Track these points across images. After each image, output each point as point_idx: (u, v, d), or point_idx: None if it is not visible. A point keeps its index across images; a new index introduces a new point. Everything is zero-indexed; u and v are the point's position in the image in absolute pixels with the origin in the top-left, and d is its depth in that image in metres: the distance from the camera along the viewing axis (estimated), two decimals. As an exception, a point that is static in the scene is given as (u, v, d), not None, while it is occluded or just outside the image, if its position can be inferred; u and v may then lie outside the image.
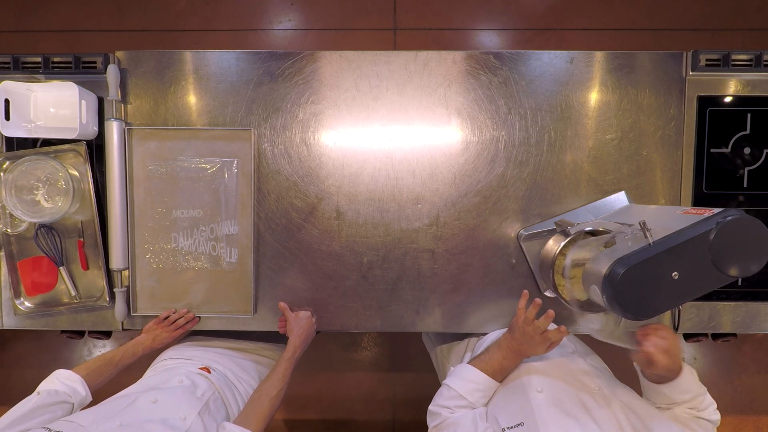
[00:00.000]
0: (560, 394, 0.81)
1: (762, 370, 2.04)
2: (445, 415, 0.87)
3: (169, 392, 0.91)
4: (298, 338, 1.08)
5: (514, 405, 0.81)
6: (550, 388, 0.83)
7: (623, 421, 0.75)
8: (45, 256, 1.14)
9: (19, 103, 1.09)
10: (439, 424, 0.86)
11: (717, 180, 1.15)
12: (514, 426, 0.76)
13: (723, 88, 1.14)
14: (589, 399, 0.80)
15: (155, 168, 1.14)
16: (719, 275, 0.75)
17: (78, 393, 0.92)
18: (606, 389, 0.82)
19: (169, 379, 0.97)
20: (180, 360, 1.09)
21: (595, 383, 0.84)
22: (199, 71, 1.14)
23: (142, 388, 0.94)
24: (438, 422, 0.87)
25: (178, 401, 0.88)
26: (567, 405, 0.78)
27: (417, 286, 1.17)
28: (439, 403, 0.89)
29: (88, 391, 0.94)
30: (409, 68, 1.14)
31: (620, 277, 0.71)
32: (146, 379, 1.02)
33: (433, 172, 1.15)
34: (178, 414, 0.84)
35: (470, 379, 0.89)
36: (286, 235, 1.17)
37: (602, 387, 0.83)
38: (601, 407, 0.78)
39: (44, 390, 0.89)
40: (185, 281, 1.17)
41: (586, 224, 1.05)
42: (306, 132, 1.15)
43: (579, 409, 0.77)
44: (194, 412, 0.86)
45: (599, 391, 0.82)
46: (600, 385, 0.83)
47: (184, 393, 0.92)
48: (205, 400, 0.92)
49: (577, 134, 1.14)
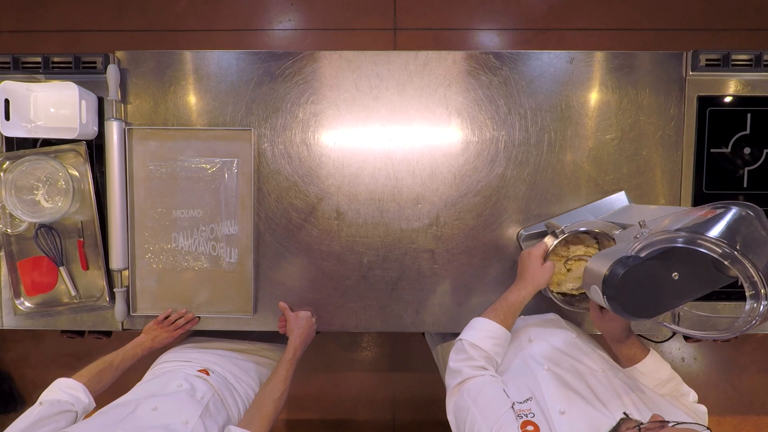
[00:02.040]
0: (565, 373, 0.84)
1: (762, 370, 2.04)
2: (468, 372, 0.86)
3: (168, 398, 0.90)
4: (298, 338, 1.08)
5: (522, 381, 0.84)
6: (556, 367, 0.86)
7: (626, 400, 0.78)
8: (45, 256, 1.14)
9: (19, 103, 1.09)
10: (461, 383, 0.85)
11: (717, 180, 1.15)
12: (524, 401, 0.78)
13: (723, 88, 1.14)
14: (592, 379, 0.82)
15: (155, 168, 1.14)
16: (719, 275, 0.75)
17: (81, 401, 0.91)
18: (609, 371, 0.85)
19: (168, 383, 0.96)
20: (179, 363, 1.09)
21: (598, 366, 0.86)
22: (199, 71, 1.14)
23: (141, 394, 0.93)
24: (460, 380, 0.85)
25: (178, 406, 0.88)
26: (572, 383, 0.81)
27: (417, 286, 1.17)
28: (459, 358, 0.89)
29: (90, 398, 0.94)
30: (409, 68, 1.14)
31: (620, 277, 0.71)
32: (145, 384, 1.02)
33: (433, 172, 1.15)
34: (180, 419, 0.84)
35: (483, 329, 0.91)
36: (286, 235, 1.17)
37: (605, 369, 0.85)
38: (604, 386, 0.80)
39: (47, 400, 0.89)
40: (185, 281, 1.17)
41: (576, 225, 1.05)
42: (306, 132, 1.15)
43: (583, 387, 0.80)
44: (196, 416, 0.86)
45: (602, 372, 0.84)
46: (603, 367, 0.86)
47: (184, 397, 0.92)
48: (205, 402, 0.92)
49: (577, 134, 1.14)
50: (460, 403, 0.83)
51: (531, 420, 0.74)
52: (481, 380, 0.84)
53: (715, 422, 2.04)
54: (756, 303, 0.70)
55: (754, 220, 0.73)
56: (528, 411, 0.76)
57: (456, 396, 0.84)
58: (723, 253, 0.69)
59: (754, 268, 0.68)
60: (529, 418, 0.74)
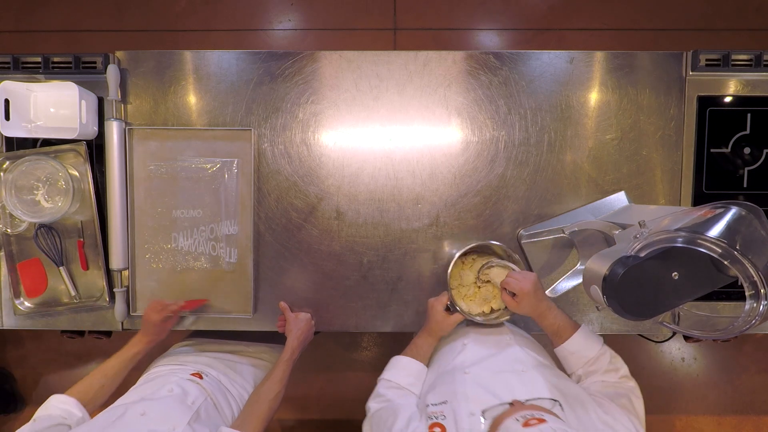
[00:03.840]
0: (486, 374, 0.86)
1: (762, 370, 2.04)
2: (381, 403, 0.91)
3: (157, 403, 0.89)
4: (296, 339, 1.08)
5: (442, 387, 0.86)
6: (478, 368, 0.88)
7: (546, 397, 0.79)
8: (36, 259, 1.14)
9: (19, 103, 1.09)
10: (377, 411, 0.89)
11: (717, 180, 1.15)
12: (439, 403, 0.81)
13: (723, 88, 1.14)
14: (514, 378, 0.83)
15: (155, 168, 1.14)
16: (719, 275, 0.75)
17: (73, 415, 0.90)
18: (534, 370, 0.86)
19: (159, 388, 0.95)
20: (172, 366, 1.07)
21: (523, 366, 0.88)
22: (199, 71, 1.14)
23: (132, 399, 0.92)
24: (375, 409, 0.90)
25: (166, 412, 0.87)
26: (491, 384, 0.82)
27: (417, 286, 1.17)
28: (377, 393, 0.94)
29: (84, 412, 0.92)
30: (409, 68, 1.14)
31: (620, 277, 0.71)
32: (137, 388, 1.00)
33: (433, 172, 1.15)
34: (167, 425, 0.83)
35: (402, 367, 0.98)
36: (286, 235, 1.17)
37: (529, 369, 0.86)
38: (525, 385, 0.81)
39: (39, 417, 0.89)
40: (185, 281, 1.17)
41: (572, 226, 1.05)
42: (306, 132, 1.15)
43: (502, 388, 0.81)
44: (184, 422, 0.85)
45: (526, 372, 0.85)
46: (527, 368, 0.87)
47: (174, 402, 0.90)
48: (195, 407, 0.91)
49: (577, 134, 1.14)
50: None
51: (440, 422, 0.76)
52: (394, 404, 0.88)
53: (715, 422, 2.04)
54: (756, 303, 0.70)
55: (753, 220, 0.74)
56: (440, 413, 0.78)
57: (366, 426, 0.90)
58: (723, 252, 0.70)
59: (754, 268, 0.68)
60: (439, 420, 0.76)
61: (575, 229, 1.07)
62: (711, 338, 1.75)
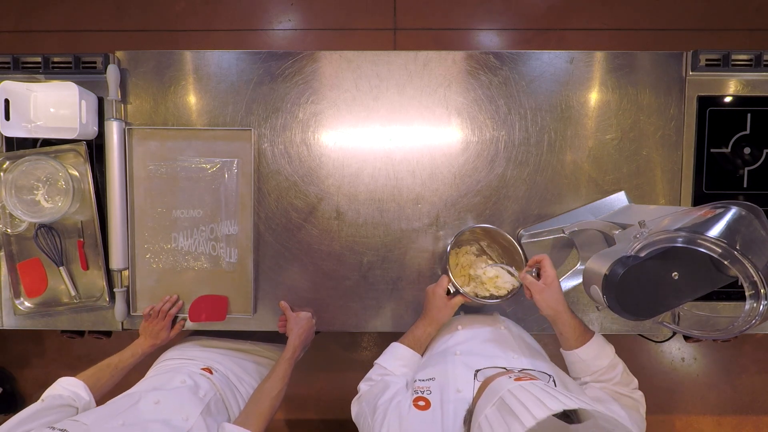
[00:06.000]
0: (476, 357, 0.86)
1: (762, 370, 2.04)
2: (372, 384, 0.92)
3: (171, 393, 0.91)
4: (298, 338, 1.08)
5: (433, 366, 0.87)
6: (468, 352, 0.89)
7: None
8: (36, 259, 1.14)
9: (19, 103, 1.09)
10: (368, 390, 0.91)
11: (717, 180, 1.15)
12: (427, 379, 0.81)
13: (723, 88, 1.14)
14: (504, 363, 0.84)
15: (155, 168, 1.14)
16: (719, 275, 0.75)
17: (81, 398, 0.92)
18: (524, 358, 0.86)
19: (172, 379, 0.97)
20: (182, 360, 1.09)
21: (516, 353, 0.88)
22: (199, 71, 1.14)
23: (145, 387, 0.94)
24: (365, 390, 0.92)
25: (180, 402, 0.89)
26: (480, 365, 0.82)
27: (417, 286, 1.17)
28: (369, 377, 0.96)
29: (91, 396, 0.94)
30: (409, 68, 1.14)
31: (620, 276, 0.71)
32: (149, 378, 1.02)
33: (433, 172, 1.15)
34: (181, 414, 0.85)
35: (398, 356, 0.98)
36: (286, 235, 1.17)
37: (520, 356, 0.87)
38: (519, 360, 0.83)
39: (48, 396, 0.91)
40: (185, 281, 1.17)
41: (573, 225, 1.05)
42: (306, 132, 1.15)
43: (497, 355, 0.82)
44: (196, 413, 0.87)
45: (517, 359, 0.86)
46: (519, 355, 0.87)
47: (187, 393, 0.92)
48: (207, 401, 0.93)
49: (577, 134, 1.14)
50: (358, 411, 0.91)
51: (424, 396, 0.77)
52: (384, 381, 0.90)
53: (715, 422, 2.04)
54: (756, 303, 0.70)
55: (753, 220, 0.74)
56: (426, 388, 0.79)
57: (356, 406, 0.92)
58: (723, 252, 0.70)
59: (754, 268, 0.68)
60: (425, 395, 0.77)
61: (575, 229, 1.07)
62: (711, 338, 1.75)
